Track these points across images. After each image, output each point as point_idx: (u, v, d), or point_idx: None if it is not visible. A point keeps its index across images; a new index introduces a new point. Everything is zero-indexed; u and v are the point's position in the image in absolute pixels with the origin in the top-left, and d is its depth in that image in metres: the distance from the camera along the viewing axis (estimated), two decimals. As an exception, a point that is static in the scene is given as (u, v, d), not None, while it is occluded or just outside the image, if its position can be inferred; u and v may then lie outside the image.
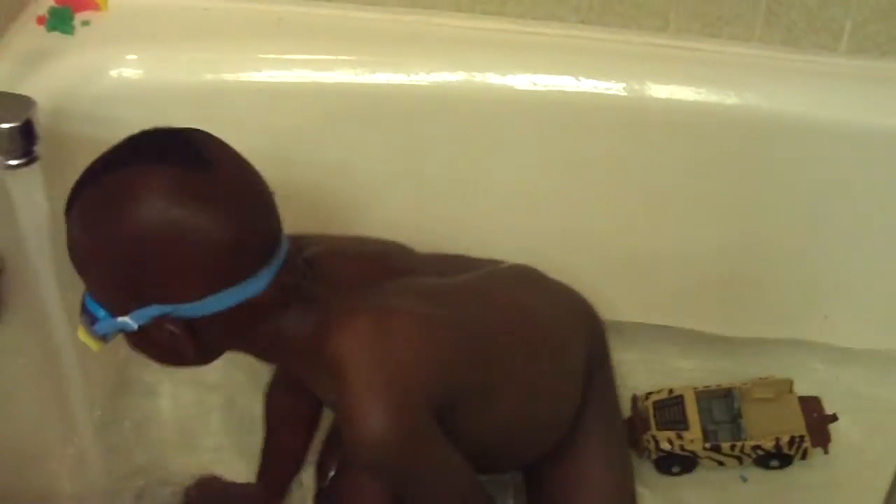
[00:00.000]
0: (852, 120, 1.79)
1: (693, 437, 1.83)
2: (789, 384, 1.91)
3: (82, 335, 1.32)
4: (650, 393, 1.90)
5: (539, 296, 1.66)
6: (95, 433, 1.76)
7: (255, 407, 1.74)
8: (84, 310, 1.31)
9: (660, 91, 1.79)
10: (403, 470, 1.37)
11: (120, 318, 1.27)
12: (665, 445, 1.83)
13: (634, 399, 1.91)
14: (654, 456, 1.84)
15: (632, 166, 1.85)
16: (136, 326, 1.27)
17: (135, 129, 1.73)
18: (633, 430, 1.87)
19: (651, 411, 1.87)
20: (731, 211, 1.89)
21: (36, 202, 1.49)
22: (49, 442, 1.70)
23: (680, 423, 1.85)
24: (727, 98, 1.79)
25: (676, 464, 1.85)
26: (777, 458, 1.86)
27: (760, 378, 1.92)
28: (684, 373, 2.01)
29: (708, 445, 1.83)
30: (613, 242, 1.93)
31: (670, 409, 1.86)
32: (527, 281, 1.69)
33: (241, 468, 1.77)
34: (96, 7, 1.84)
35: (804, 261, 1.93)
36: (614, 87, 1.78)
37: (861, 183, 1.84)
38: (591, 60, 1.81)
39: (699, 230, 1.91)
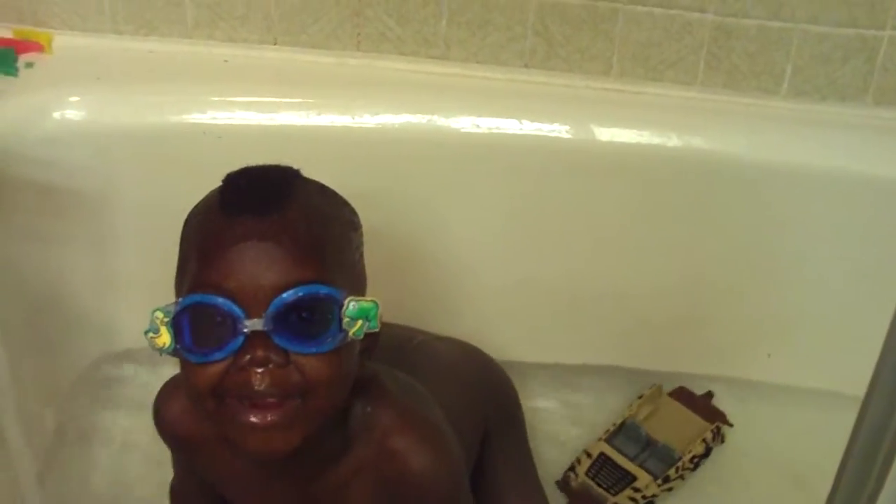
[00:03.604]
0: (792, 161, 1.81)
1: (647, 483, 1.83)
2: (659, 389, 1.97)
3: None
4: (573, 468, 1.86)
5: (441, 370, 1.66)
6: (36, 473, 1.74)
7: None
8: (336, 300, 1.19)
9: (603, 134, 1.80)
10: (461, 499, 1.40)
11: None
12: None
13: (565, 481, 1.86)
14: None
15: (574, 208, 1.86)
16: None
17: (78, 171, 1.76)
18: None
19: (592, 483, 1.84)
20: (673, 251, 1.90)
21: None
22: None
23: (626, 478, 1.84)
24: (669, 140, 1.81)
25: None
26: (704, 456, 1.91)
27: (637, 399, 1.96)
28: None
29: (660, 483, 1.84)
30: (555, 284, 1.93)
31: (607, 472, 1.85)
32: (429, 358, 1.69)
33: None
34: (40, 49, 1.83)
35: (746, 300, 1.94)
36: (557, 130, 1.79)
37: (801, 223, 1.86)
38: (535, 104, 1.82)
39: (642, 271, 1.91)
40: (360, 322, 1.17)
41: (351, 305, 1.16)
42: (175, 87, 1.82)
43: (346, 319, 1.15)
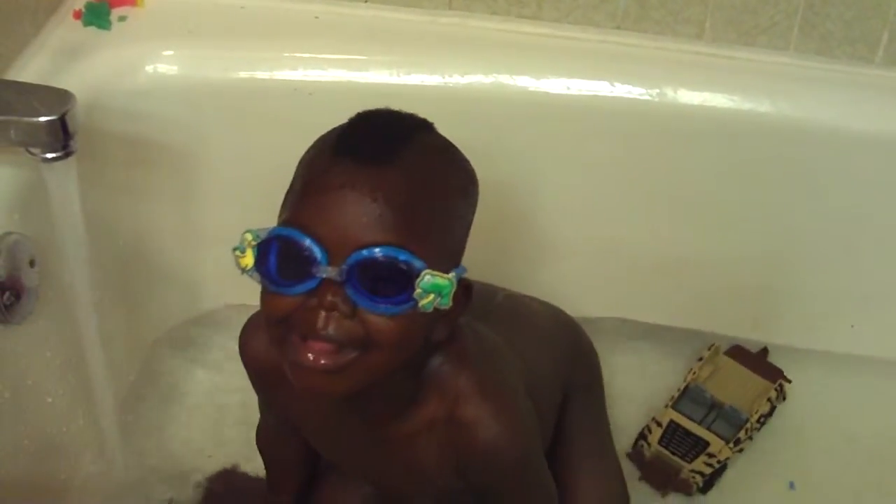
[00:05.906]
0: (884, 131, 1.80)
1: (720, 447, 1.82)
2: (717, 350, 1.96)
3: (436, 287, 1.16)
4: (643, 436, 1.86)
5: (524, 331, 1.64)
6: (118, 425, 1.77)
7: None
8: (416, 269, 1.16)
9: (693, 98, 1.79)
10: (530, 470, 1.41)
11: (453, 273, 1.19)
12: (707, 470, 1.80)
13: (638, 453, 1.86)
14: (701, 485, 1.81)
15: (663, 172, 1.85)
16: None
17: (168, 125, 1.77)
18: (662, 478, 1.83)
19: (666, 452, 1.83)
20: (758, 219, 1.89)
21: (70, 195, 1.50)
22: (73, 432, 1.71)
23: (699, 444, 1.83)
24: (760, 106, 1.79)
25: (717, 477, 1.83)
26: (770, 414, 1.92)
27: (697, 361, 1.95)
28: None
29: (732, 445, 1.83)
30: (639, 246, 1.93)
31: (679, 439, 1.84)
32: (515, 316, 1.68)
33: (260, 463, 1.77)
34: (133, 3, 1.84)
35: (831, 270, 1.93)
36: (648, 93, 1.78)
37: (890, 194, 1.84)
38: (626, 66, 1.81)
39: (726, 237, 1.91)
40: (431, 296, 1.15)
41: (426, 278, 1.14)
42: (266, 43, 1.82)
43: (418, 290, 1.14)
